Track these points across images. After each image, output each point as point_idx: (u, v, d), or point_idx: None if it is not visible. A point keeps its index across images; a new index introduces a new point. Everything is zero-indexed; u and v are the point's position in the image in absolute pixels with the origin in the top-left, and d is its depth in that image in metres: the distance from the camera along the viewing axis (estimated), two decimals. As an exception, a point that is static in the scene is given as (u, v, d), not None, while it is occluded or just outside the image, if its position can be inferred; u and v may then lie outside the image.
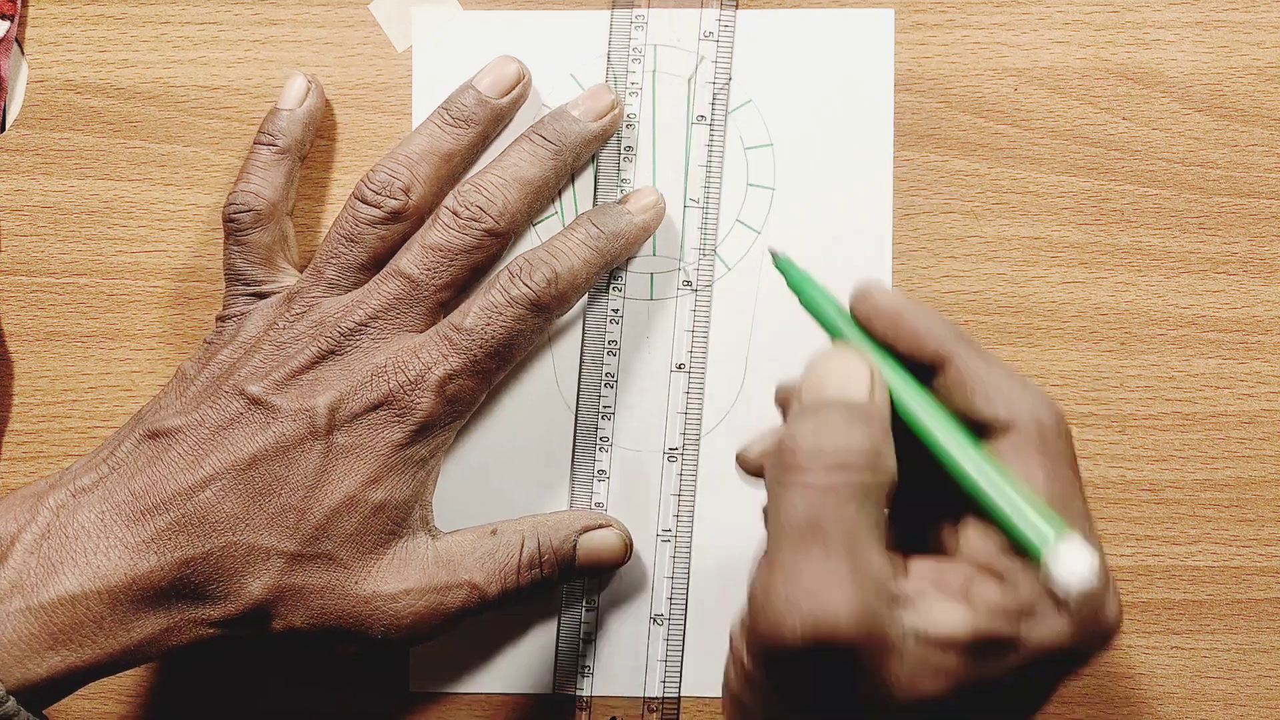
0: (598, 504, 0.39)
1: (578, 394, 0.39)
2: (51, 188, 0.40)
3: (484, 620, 0.39)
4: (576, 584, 0.39)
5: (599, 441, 0.39)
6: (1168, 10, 0.38)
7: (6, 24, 0.39)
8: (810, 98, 0.39)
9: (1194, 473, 0.39)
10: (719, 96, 0.38)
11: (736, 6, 0.38)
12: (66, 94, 0.40)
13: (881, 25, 0.39)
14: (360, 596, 0.34)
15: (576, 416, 0.39)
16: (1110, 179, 0.39)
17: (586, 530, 0.37)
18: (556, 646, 0.39)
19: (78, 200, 0.40)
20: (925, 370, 0.30)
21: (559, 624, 0.39)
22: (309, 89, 0.38)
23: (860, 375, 0.29)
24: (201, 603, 0.34)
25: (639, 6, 0.39)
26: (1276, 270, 0.39)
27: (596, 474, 0.39)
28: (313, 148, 0.39)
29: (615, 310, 0.38)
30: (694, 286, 0.38)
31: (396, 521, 0.35)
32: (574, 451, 0.39)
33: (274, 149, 0.37)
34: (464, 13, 0.39)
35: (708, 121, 0.38)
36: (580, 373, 0.39)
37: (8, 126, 0.40)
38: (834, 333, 0.32)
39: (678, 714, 0.39)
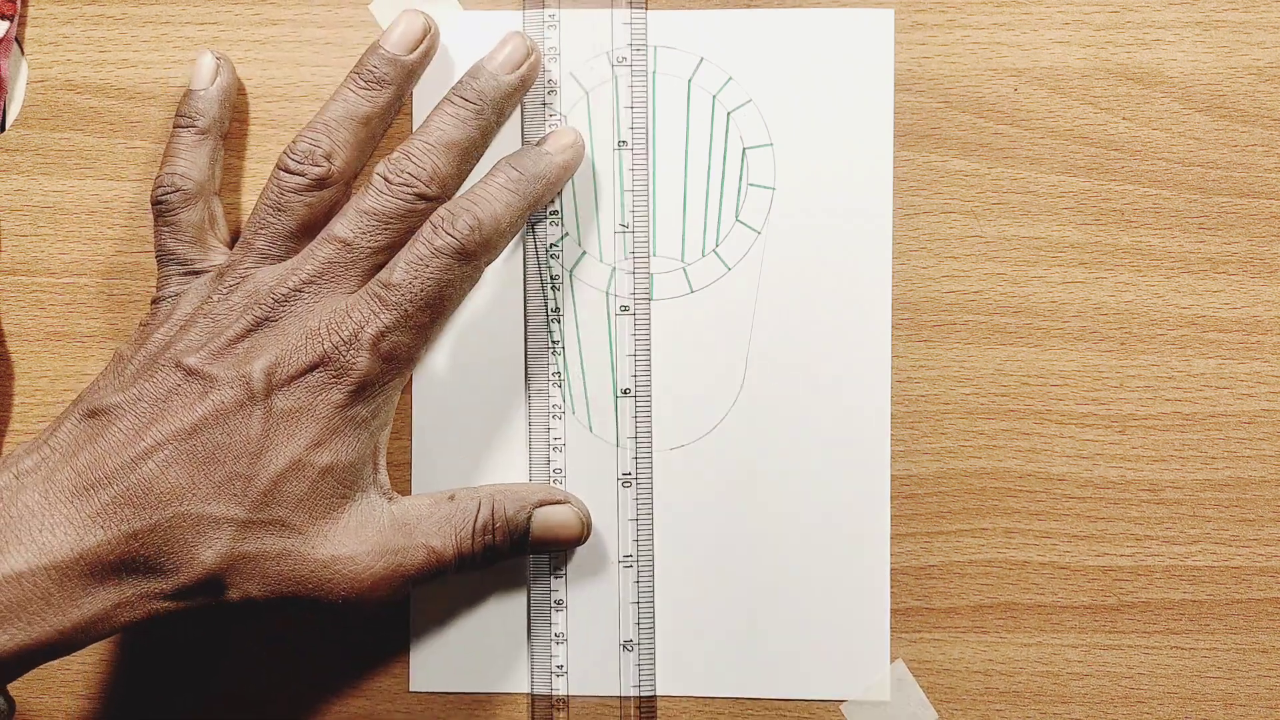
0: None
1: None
2: (51, 188, 0.40)
3: (484, 620, 0.39)
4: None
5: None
6: (1168, 10, 0.38)
7: (6, 24, 0.39)
8: (810, 98, 0.39)
9: (1194, 473, 0.39)
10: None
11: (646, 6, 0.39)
12: (66, 94, 0.40)
13: (881, 25, 0.39)
14: (319, 560, 0.34)
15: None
16: (1110, 179, 0.39)
17: (543, 505, 0.37)
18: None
19: (78, 200, 0.40)
20: None
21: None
22: (219, 66, 0.38)
23: None
24: (152, 575, 0.33)
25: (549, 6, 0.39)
26: (1276, 270, 0.39)
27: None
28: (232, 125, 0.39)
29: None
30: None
31: (346, 484, 0.35)
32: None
33: (194, 130, 0.38)
34: (464, 13, 0.39)
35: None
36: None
37: (8, 126, 0.40)
38: None
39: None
